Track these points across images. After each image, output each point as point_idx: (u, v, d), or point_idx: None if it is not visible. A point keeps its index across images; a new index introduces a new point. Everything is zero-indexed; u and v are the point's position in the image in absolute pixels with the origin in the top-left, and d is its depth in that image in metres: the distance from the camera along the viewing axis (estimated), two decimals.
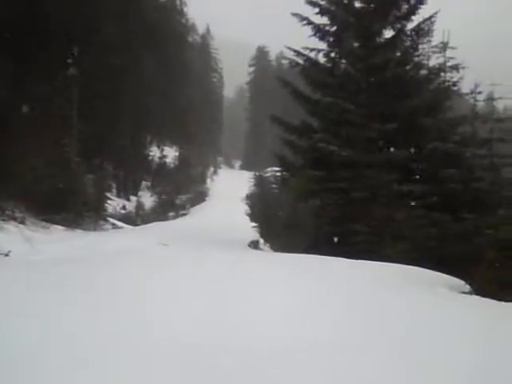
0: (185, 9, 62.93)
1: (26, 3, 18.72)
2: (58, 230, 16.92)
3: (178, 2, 60.41)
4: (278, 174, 18.66)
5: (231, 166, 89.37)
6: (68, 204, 18.97)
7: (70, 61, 23.67)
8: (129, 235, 18.18)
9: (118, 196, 39.26)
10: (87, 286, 4.48)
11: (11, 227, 14.21)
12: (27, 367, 2.77)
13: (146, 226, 25.88)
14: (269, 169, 25.26)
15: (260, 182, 24.11)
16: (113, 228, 23.72)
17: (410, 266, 7.22)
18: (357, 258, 7.99)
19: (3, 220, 14.74)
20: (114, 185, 38.09)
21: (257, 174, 27.19)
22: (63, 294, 4.20)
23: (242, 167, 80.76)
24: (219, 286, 4.55)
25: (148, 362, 2.88)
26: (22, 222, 15.65)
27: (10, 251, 9.69)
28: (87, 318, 3.57)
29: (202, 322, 3.50)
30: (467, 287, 6.90)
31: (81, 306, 3.85)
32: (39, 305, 3.86)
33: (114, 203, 32.50)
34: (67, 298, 4.09)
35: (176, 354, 3.00)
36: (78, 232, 17.95)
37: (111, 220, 26.02)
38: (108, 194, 28.69)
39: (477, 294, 6.57)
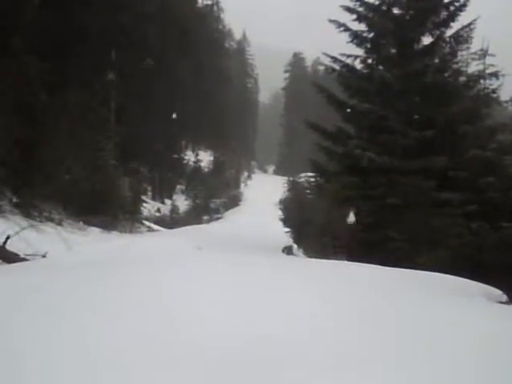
0: (222, 15, 63.51)
1: (66, 10, 19.11)
2: (94, 231, 17.16)
3: (215, 9, 60.94)
4: (312, 179, 18.65)
5: (265, 171, 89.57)
6: (105, 206, 19.24)
7: (108, 66, 24.09)
8: (164, 238, 18.36)
9: (153, 199, 39.74)
10: (125, 288, 4.53)
11: (49, 228, 14.43)
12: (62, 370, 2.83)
13: (180, 229, 26.10)
14: (302, 174, 25.28)
15: (294, 187, 24.15)
16: (148, 230, 24.00)
17: (446, 275, 7.13)
18: (391, 265, 7.91)
19: (41, 221, 15.02)
20: (149, 188, 38.53)
21: (291, 179, 27.28)
22: (99, 296, 4.25)
23: (276, 172, 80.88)
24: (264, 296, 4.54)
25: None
26: (60, 224, 15.93)
27: (47, 252, 9.85)
28: (123, 323, 3.60)
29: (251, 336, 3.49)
30: (504, 297, 6.79)
31: (113, 311, 3.87)
32: (74, 306, 3.92)
33: (149, 206, 32.92)
34: (102, 301, 4.13)
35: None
36: (114, 234, 18.19)
37: (146, 223, 26.33)
38: (143, 197, 29.03)
39: None
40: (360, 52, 16.26)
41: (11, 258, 8.81)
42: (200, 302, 4.17)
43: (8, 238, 9.29)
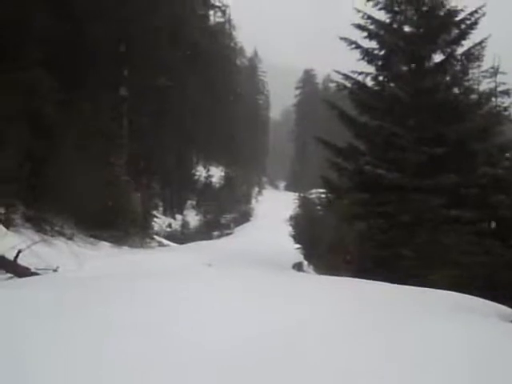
0: (234, 33, 63.94)
1: (78, 27, 19.31)
2: (105, 246, 17.19)
3: (227, 26, 61.38)
4: (323, 195, 18.63)
5: (276, 187, 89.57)
6: (116, 221, 19.27)
7: (120, 81, 24.27)
8: (174, 254, 18.38)
9: (164, 214, 39.78)
10: (135, 304, 4.54)
11: (60, 243, 14.50)
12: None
13: (190, 244, 26.11)
14: (313, 190, 25.25)
15: (304, 203, 24.12)
16: (159, 246, 24.01)
17: (457, 293, 7.08)
18: (401, 283, 7.87)
19: (52, 236, 15.08)
20: (160, 203, 38.60)
21: (301, 195, 27.25)
22: (111, 311, 4.26)
23: (287, 188, 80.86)
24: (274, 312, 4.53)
25: None
26: (71, 238, 15.97)
27: (58, 267, 9.88)
28: (133, 338, 3.61)
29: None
30: None
31: (126, 325, 3.89)
32: (85, 320, 3.93)
33: (160, 221, 32.97)
34: (114, 315, 4.14)
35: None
36: (125, 249, 18.20)
37: (157, 238, 26.35)
38: (155, 212, 29.08)
39: None
40: (371, 69, 16.33)
41: (22, 272, 8.86)
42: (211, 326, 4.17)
43: (19, 252, 9.35)
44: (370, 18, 15.98)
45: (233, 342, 3.59)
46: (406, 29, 16.00)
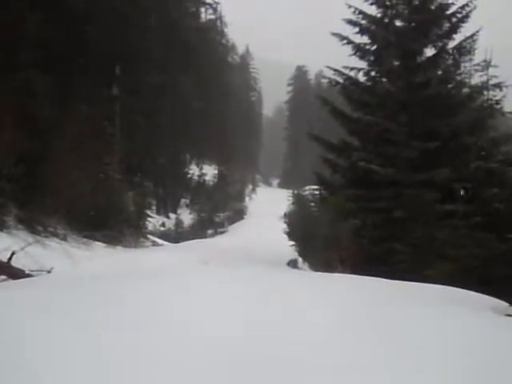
0: (225, 30, 63.85)
1: (70, 27, 19.25)
2: (99, 246, 17.13)
3: (218, 23, 61.27)
4: (317, 192, 18.62)
5: (269, 184, 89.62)
6: (109, 221, 19.23)
7: (112, 80, 24.21)
8: (168, 253, 18.32)
9: (158, 213, 39.74)
10: (132, 304, 4.52)
11: (54, 244, 14.44)
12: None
13: (184, 243, 26.05)
14: (307, 187, 25.22)
15: (298, 200, 24.09)
16: (153, 245, 23.97)
17: (452, 288, 7.08)
18: (396, 278, 7.87)
19: (46, 237, 15.01)
20: (154, 202, 38.53)
21: (295, 192, 27.22)
22: (107, 311, 4.24)
23: (280, 185, 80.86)
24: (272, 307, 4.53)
25: None
26: (64, 239, 15.92)
27: (52, 268, 9.82)
28: (129, 338, 3.60)
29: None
30: (511, 309, 6.74)
31: (123, 326, 3.88)
32: (81, 321, 3.91)
33: (154, 220, 32.89)
34: (111, 314, 4.13)
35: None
36: (119, 249, 18.15)
37: (151, 237, 26.30)
38: (148, 212, 29.01)
39: None
40: (363, 65, 16.34)
41: (16, 273, 8.80)
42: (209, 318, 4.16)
43: (13, 253, 9.28)
44: (361, 12, 16.00)
45: (232, 334, 3.58)
46: (398, 23, 16.02)
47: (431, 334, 3.98)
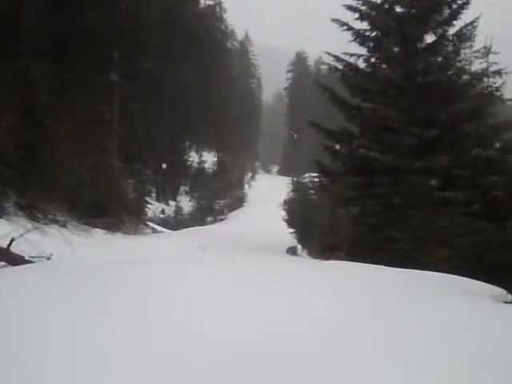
0: (224, 15, 63.47)
1: (69, 13, 19.14)
2: (98, 233, 17.16)
3: (217, 9, 60.91)
4: (317, 179, 18.61)
5: (269, 172, 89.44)
6: (109, 208, 19.23)
7: (111, 67, 24.08)
8: (168, 239, 18.37)
9: (158, 200, 39.74)
10: (131, 290, 4.52)
11: (53, 230, 14.44)
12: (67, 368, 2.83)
13: (184, 230, 26.11)
14: (307, 174, 25.22)
15: (298, 187, 24.10)
16: (152, 232, 24.02)
17: (451, 275, 7.10)
18: (396, 266, 7.88)
19: (45, 223, 15.02)
20: (153, 189, 38.55)
21: (295, 179, 27.23)
22: (107, 297, 4.25)
23: (280, 172, 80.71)
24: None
25: None
26: (64, 226, 15.93)
27: (51, 254, 9.83)
28: (130, 323, 3.61)
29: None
30: (510, 297, 6.76)
31: (122, 312, 3.88)
32: (80, 307, 3.92)
33: (154, 207, 32.93)
34: (110, 302, 4.13)
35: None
36: (119, 236, 18.18)
37: (151, 224, 26.34)
38: (148, 199, 29.03)
39: None
40: (363, 51, 16.25)
41: (16, 260, 8.81)
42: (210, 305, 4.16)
43: (12, 240, 9.29)
44: None
45: (232, 330, 3.58)
46: (398, 9, 15.91)
47: (432, 323, 3.98)
